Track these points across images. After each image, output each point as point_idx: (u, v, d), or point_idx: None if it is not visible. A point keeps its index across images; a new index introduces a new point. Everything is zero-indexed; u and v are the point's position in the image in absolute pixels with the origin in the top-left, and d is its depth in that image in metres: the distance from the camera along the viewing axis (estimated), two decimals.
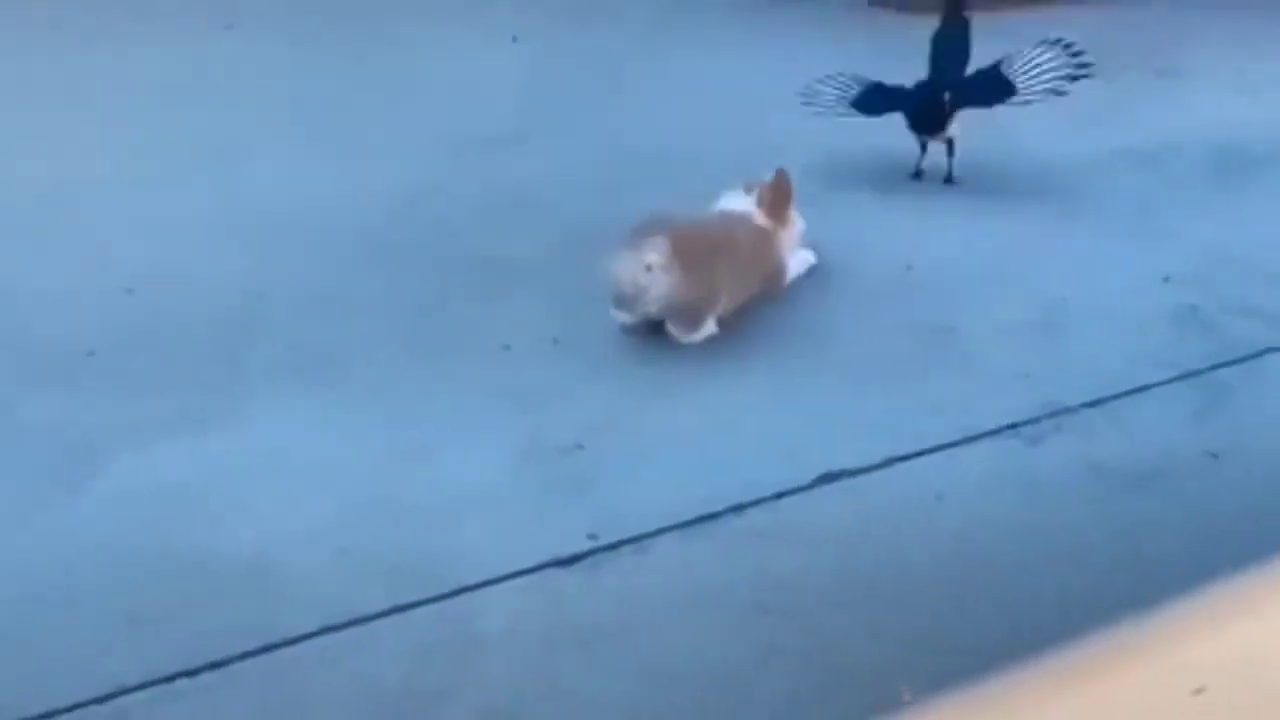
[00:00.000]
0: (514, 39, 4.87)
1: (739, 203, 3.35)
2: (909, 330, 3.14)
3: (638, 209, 3.08)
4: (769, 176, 3.38)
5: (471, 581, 2.21)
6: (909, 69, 4.00)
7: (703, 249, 3.06)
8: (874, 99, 3.87)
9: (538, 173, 3.84)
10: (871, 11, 5.91)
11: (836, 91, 3.93)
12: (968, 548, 2.40)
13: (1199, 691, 2.05)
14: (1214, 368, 3.00)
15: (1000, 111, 3.89)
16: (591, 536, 2.34)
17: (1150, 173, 4.15)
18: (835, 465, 2.57)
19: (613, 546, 2.33)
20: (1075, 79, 3.81)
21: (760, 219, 3.32)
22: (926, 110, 3.81)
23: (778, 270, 3.34)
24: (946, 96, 3.81)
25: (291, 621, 2.09)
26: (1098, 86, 4.93)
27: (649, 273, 2.97)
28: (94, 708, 1.91)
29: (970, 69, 3.91)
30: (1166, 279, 3.40)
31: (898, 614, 2.21)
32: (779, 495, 2.49)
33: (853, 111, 3.86)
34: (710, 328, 3.08)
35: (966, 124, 3.97)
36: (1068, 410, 2.82)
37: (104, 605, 2.11)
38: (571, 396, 2.78)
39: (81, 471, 2.44)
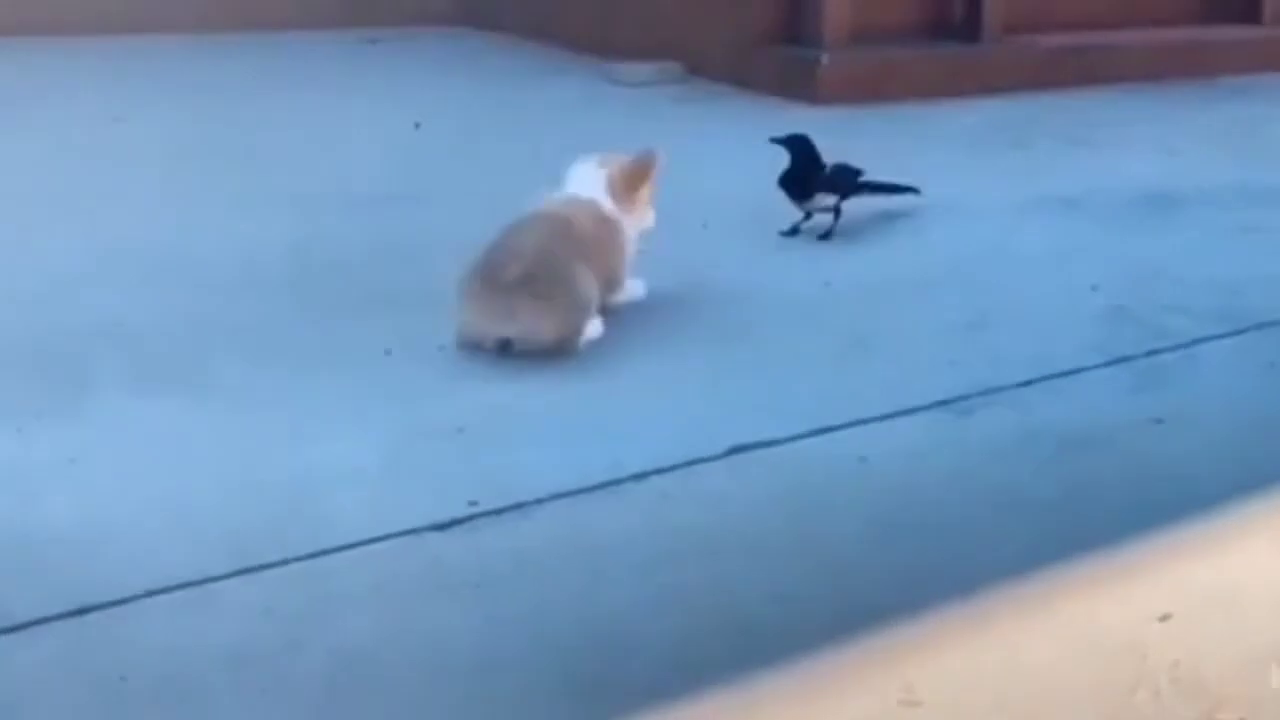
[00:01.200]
0: (417, 125, 4.77)
1: (588, 182, 2.97)
2: (831, 331, 2.94)
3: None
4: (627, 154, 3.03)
5: (332, 545, 1.94)
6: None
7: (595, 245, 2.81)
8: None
9: (423, 225, 3.68)
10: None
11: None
12: (893, 507, 2.19)
13: (1165, 619, 1.87)
14: (1150, 354, 2.83)
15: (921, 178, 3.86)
16: (472, 503, 2.08)
17: (1074, 211, 4.05)
18: (749, 440, 2.35)
19: (496, 512, 2.06)
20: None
21: (606, 205, 2.94)
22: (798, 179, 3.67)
23: (614, 273, 2.95)
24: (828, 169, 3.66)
25: (114, 587, 1.80)
26: (1017, 155, 4.97)
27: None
28: None
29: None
30: (1094, 288, 3.25)
31: (809, 567, 2.00)
32: (688, 464, 2.25)
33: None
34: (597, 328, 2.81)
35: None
36: (1000, 389, 2.62)
37: None
38: (455, 392, 2.53)
39: None
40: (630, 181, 2.97)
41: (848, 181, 3.71)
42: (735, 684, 1.70)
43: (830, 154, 3.67)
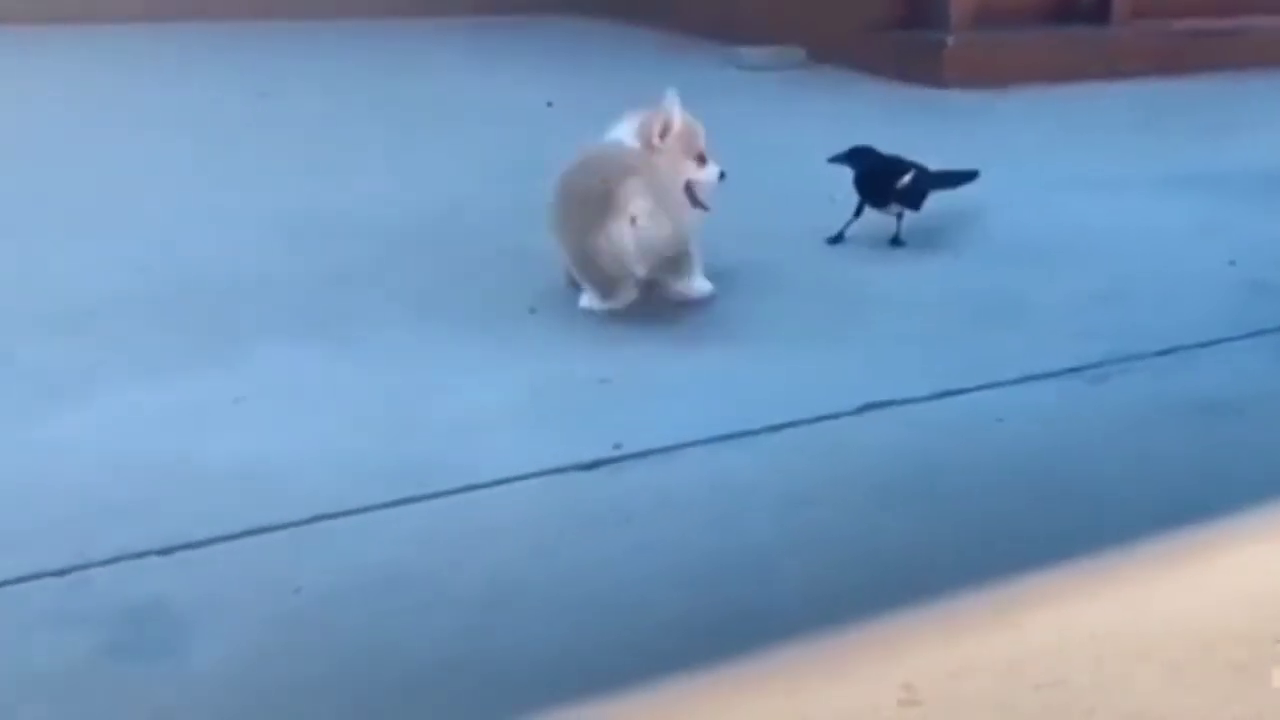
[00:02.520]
0: (549, 104, 4.88)
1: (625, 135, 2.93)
2: (959, 301, 2.96)
3: None
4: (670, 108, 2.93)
5: (483, 481, 2.04)
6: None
7: (668, 184, 2.81)
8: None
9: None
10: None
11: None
12: (1027, 463, 2.21)
13: None
14: None
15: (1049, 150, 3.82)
16: (616, 446, 2.16)
17: (1208, 189, 4.00)
18: (882, 398, 2.39)
19: (639, 455, 2.14)
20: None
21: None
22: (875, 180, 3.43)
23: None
24: (907, 178, 3.40)
25: (279, 513, 1.92)
26: (1148, 136, 4.91)
27: (634, 227, 2.70)
28: (52, 579, 1.74)
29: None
30: (1232, 263, 3.22)
31: (940, 516, 2.03)
32: (821, 418, 2.31)
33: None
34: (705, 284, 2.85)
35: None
36: (1136, 357, 2.62)
37: (81, 497, 1.94)
38: (598, 347, 2.60)
39: (70, 400, 2.29)
40: (679, 146, 2.93)
41: (921, 193, 3.45)
42: (878, 621, 1.76)
43: (952, 141, 3.67)
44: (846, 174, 3.41)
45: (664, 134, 2.94)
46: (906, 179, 3.40)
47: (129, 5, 6.22)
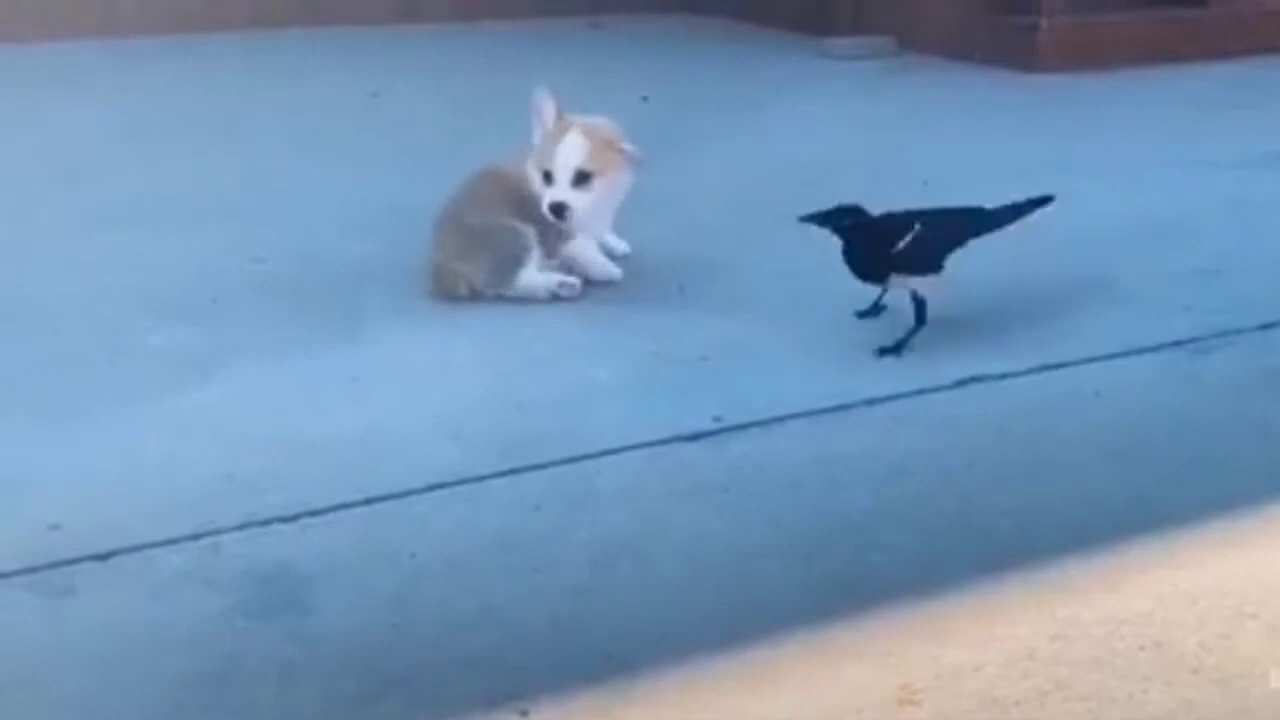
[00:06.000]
0: (644, 99, 4.94)
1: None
2: (1056, 278, 2.95)
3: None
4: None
5: (590, 452, 2.10)
6: None
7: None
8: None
9: (650, 184, 3.83)
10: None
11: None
12: (1126, 437, 2.22)
13: None
14: None
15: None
16: (717, 419, 2.21)
17: None
18: (979, 372, 2.41)
19: (740, 427, 2.19)
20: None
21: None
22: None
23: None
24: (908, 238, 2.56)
25: (396, 482, 2.00)
26: (1246, 115, 4.82)
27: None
28: (187, 543, 1.84)
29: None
30: None
31: (1039, 485, 2.06)
32: (919, 392, 2.34)
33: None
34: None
35: None
36: (1237, 331, 2.61)
37: (211, 470, 2.04)
38: (695, 327, 2.64)
39: (198, 381, 2.39)
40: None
41: (934, 250, 2.59)
42: (976, 589, 1.79)
43: (1047, 124, 3.54)
44: (936, 159, 3.37)
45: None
46: (906, 240, 2.54)
47: (238, 14, 6.44)
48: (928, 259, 2.60)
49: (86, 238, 3.17)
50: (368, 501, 1.95)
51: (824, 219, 2.54)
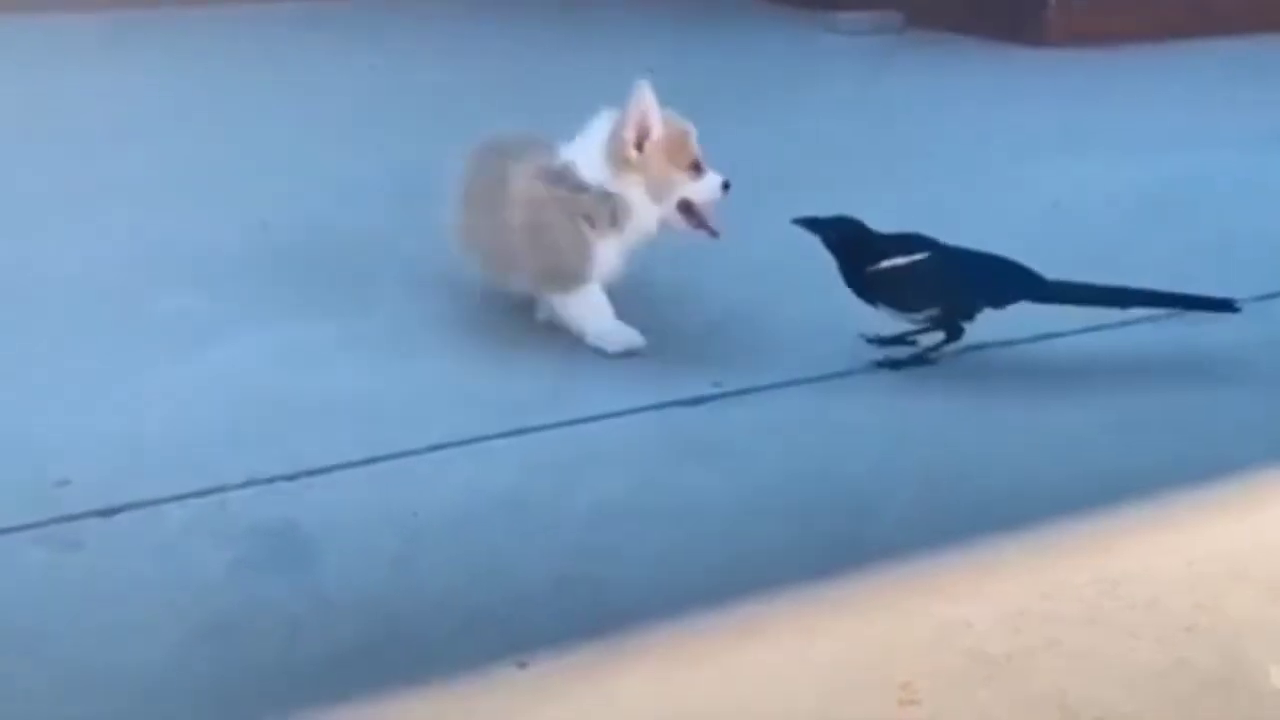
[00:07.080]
0: (650, 70, 4.95)
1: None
2: (1060, 250, 2.86)
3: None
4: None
5: (590, 415, 2.13)
6: None
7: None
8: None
9: None
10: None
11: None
12: (1122, 399, 2.25)
13: None
14: None
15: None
16: (716, 384, 2.24)
17: None
18: (979, 340, 2.41)
19: (738, 393, 2.22)
20: None
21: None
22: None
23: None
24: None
25: (398, 443, 2.03)
26: (1258, 90, 4.79)
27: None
28: (193, 499, 1.87)
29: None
30: None
31: (1042, 446, 2.09)
32: (918, 358, 2.37)
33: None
34: None
35: None
36: (1241, 302, 2.64)
37: (211, 428, 2.08)
38: (697, 298, 2.66)
39: (206, 344, 2.40)
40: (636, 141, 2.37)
41: (931, 291, 2.33)
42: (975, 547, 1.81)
43: (1053, 99, 3.51)
44: (939, 136, 3.37)
45: (641, 144, 2.37)
46: (890, 263, 2.31)
47: None
48: (907, 296, 2.32)
49: (93, 208, 3.18)
50: (371, 461, 1.98)
51: (815, 225, 2.39)
